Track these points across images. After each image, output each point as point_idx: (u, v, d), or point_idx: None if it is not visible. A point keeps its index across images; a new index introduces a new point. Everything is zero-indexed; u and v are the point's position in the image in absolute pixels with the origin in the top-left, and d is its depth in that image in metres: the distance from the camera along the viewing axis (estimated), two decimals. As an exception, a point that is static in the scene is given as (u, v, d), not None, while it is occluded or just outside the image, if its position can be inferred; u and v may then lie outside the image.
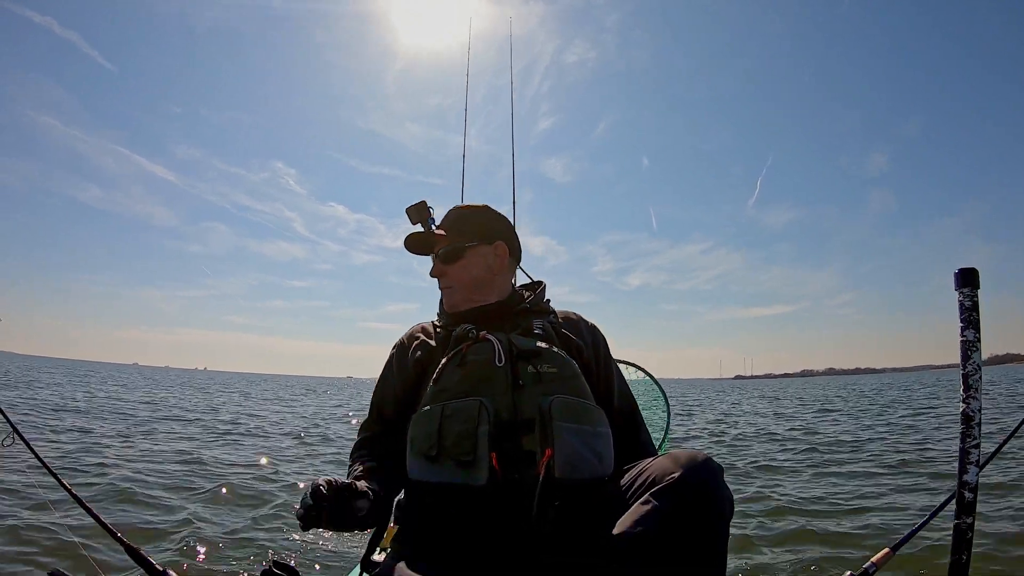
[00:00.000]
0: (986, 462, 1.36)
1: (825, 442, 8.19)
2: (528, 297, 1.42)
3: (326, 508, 1.01)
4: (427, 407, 1.18)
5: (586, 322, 1.45)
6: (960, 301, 1.30)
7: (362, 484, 1.12)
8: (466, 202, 1.51)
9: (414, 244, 1.45)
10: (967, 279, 1.30)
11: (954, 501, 1.20)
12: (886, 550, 1.47)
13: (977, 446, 1.16)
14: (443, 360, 1.24)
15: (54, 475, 1.54)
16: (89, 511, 1.47)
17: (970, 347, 1.29)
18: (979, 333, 1.31)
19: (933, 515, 1.46)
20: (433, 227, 1.46)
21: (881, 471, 5.38)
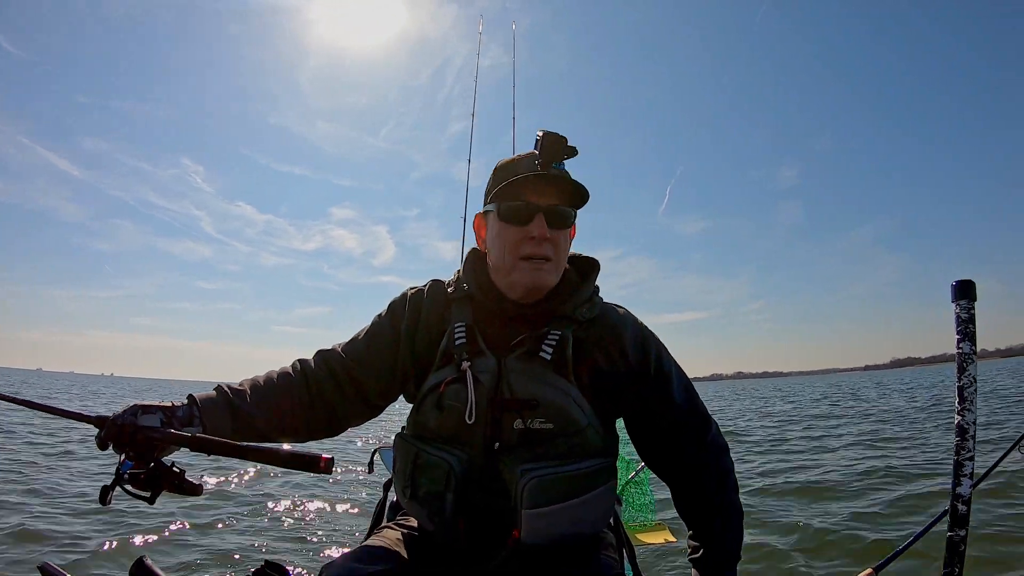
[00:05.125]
0: (979, 481, 1.30)
1: (791, 450, 7.94)
2: (573, 293, 1.12)
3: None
4: (408, 436, 1.12)
5: (635, 332, 1.13)
6: (956, 313, 1.26)
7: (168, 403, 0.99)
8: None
9: (550, 155, 1.05)
10: (964, 291, 1.27)
11: (932, 520, 1.15)
12: (868, 570, 1.41)
13: (971, 458, 1.12)
14: (425, 387, 1.09)
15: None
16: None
17: (965, 360, 1.24)
18: (975, 346, 1.26)
19: (920, 535, 1.41)
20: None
21: (861, 485, 5.29)
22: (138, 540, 3.61)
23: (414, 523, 1.16)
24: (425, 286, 1.21)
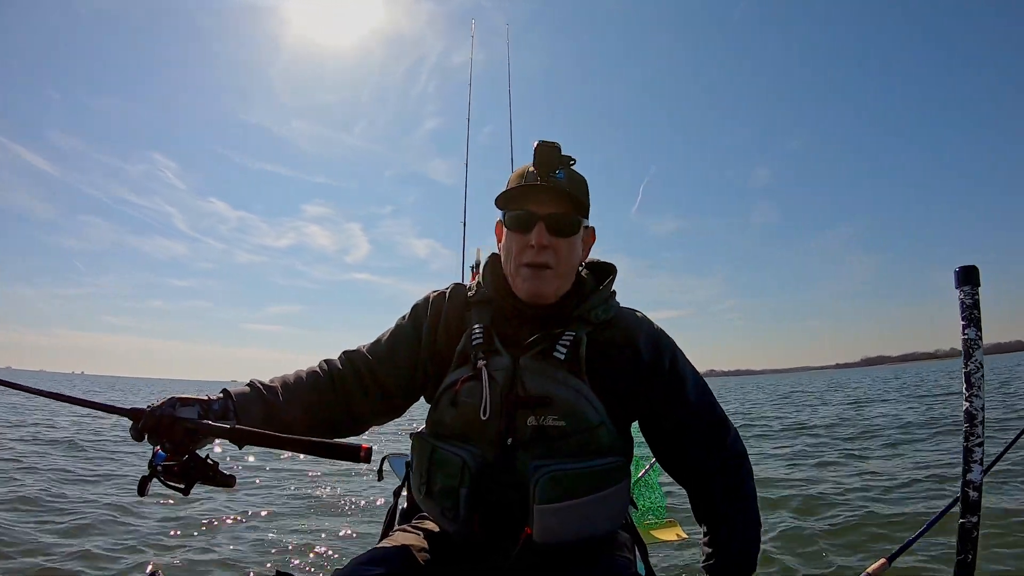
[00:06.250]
0: (990, 466, 1.30)
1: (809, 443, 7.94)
2: (589, 297, 1.14)
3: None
4: (425, 434, 1.14)
5: (649, 334, 1.15)
6: (961, 299, 1.26)
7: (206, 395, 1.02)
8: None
9: (544, 164, 1.08)
10: (968, 277, 1.26)
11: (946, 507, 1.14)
12: (882, 560, 1.40)
13: (981, 444, 1.11)
14: (443, 386, 1.12)
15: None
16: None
17: (971, 345, 1.24)
18: (980, 331, 1.26)
19: (932, 523, 1.40)
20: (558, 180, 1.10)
21: (878, 471, 5.27)
22: (147, 550, 3.61)
23: (427, 526, 1.18)
24: (447, 289, 1.25)
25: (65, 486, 5.49)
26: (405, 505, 1.35)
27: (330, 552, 3.75)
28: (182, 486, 0.91)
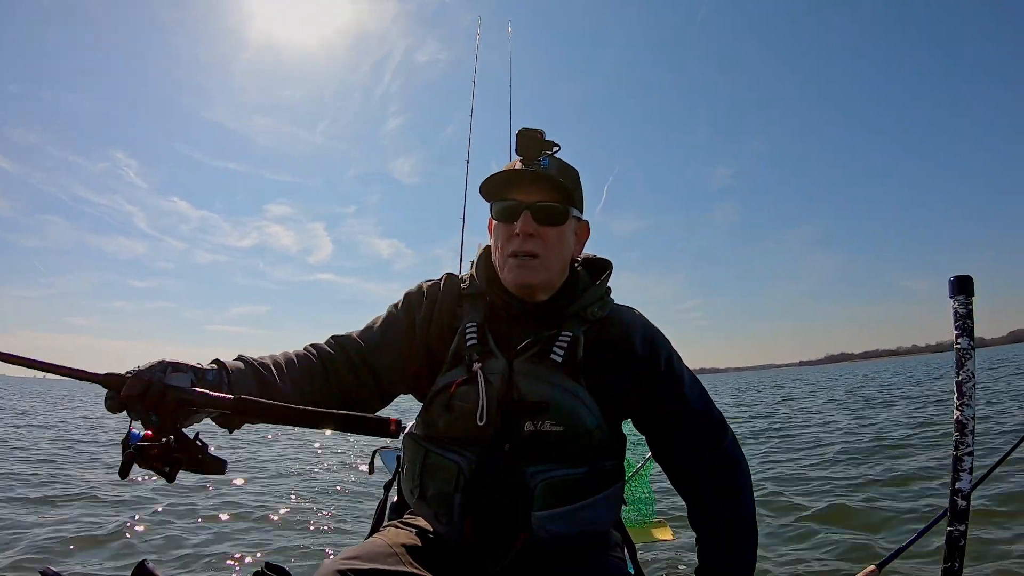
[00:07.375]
0: (980, 480, 1.30)
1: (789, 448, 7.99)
2: (583, 293, 1.11)
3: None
4: (418, 436, 1.11)
5: (645, 333, 1.13)
6: (954, 309, 1.26)
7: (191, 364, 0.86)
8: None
9: (527, 152, 1.05)
10: (962, 287, 1.27)
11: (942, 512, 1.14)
12: (871, 567, 1.40)
13: (970, 454, 1.12)
14: (435, 388, 1.08)
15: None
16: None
17: (964, 355, 1.24)
18: (973, 341, 1.26)
19: (923, 532, 1.40)
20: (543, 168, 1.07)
21: (864, 479, 5.29)
22: (139, 543, 3.60)
23: (418, 523, 1.15)
24: (440, 279, 1.21)
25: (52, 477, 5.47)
26: (395, 499, 1.33)
27: (318, 545, 3.75)
28: (166, 470, 0.73)
